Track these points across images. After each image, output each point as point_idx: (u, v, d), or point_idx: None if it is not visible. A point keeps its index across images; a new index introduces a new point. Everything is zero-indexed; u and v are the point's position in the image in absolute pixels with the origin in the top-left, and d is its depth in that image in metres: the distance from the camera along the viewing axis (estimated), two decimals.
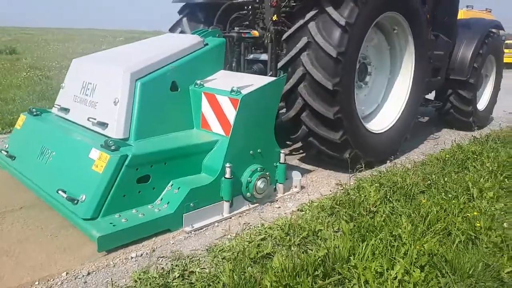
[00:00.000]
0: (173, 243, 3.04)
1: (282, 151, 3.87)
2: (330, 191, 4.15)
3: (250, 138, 3.61)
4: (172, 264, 2.71)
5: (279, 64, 4.54)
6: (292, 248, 2.90)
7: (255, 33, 4.81)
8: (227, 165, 3.34)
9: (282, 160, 3.86)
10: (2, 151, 4.05)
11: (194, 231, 3.20)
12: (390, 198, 3.75)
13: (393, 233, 3.01)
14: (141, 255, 2.86)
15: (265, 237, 3.07)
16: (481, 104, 7.34)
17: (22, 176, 3.64)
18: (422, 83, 5.45)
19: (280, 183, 3.93)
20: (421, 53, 5.28)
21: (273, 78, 3.87)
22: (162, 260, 2.79)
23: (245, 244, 2.94)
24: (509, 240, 3.01)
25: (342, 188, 4.11)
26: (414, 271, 2.52)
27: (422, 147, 6.01)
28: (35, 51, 20.23)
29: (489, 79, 7.53)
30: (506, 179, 4.29)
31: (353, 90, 4.42)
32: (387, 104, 5.37)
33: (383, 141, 4.97)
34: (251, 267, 2.61)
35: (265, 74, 4.62)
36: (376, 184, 3.99)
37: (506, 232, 3.12)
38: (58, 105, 4.12)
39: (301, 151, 5.41)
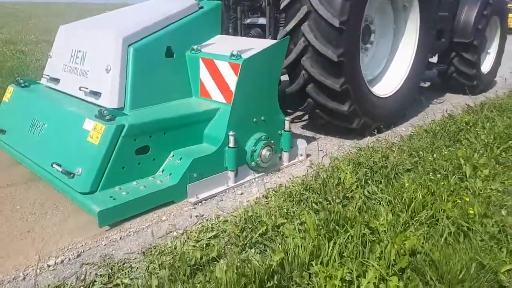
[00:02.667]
0: (105, 245, 2.54)
1: (287, 119, 3.71)
2: (305, 172, 3.56)
3: (253, 105, 3.43)
4: (96, 274, 2.24)
5: (278, 36, 4.31)
6: (246, 249, 2.41)
7: None
8: (231, 133, 3.18)
9: (287, 128, 3.71)
10: None
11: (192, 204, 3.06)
12: (369, 181, 3.21)
13: (370, 225, 2.50)
14: (62, 262, 2.35)
15: (217, 233, 2.60)
16: (485, 67, 7.12)
17: (13, 150, 3.45)
18: (427, 45, 5.25)
19: (285, 151, 3.79)
20: (426, 15, 5.06)
21: (275, 41, 3.65)
22: (85, 268, 2.30)
23: (191, 244, 2.47)
24: (509, 228, 2.51)
25: (313, 170, 3.52)
26: (390, 279, 2.06)
27: (414, 118, 5.36)
28: (13, 26, 19.37)
29: (494, 41, 7.31)
30: (503, 153, 3.78)
31: (358, 59, 4.23)
32: (391, 68, 5.18)
33: (390, 105, 4.83)
34: (190, 277, 2.13)
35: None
36: (353, 164, 3.46)
37: (505, 220, 2.59)
38: (47, 75, 3.88)
39: (303, 118, 5.24)
